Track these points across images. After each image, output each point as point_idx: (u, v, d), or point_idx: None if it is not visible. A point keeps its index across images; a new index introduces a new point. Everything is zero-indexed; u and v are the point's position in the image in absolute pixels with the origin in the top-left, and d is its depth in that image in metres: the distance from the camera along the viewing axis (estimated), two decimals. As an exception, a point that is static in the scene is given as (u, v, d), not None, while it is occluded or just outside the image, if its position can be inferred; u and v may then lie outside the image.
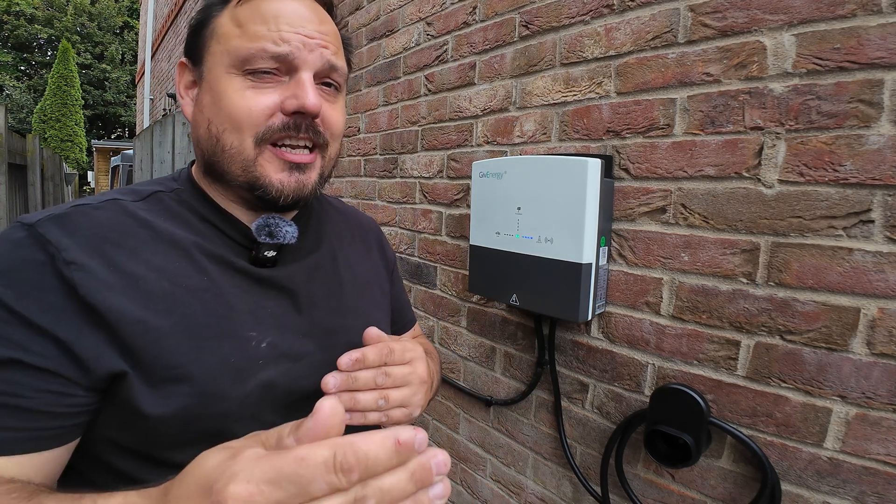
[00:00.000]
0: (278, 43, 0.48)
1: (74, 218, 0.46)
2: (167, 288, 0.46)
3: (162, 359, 0.44)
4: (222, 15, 0.51)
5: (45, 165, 5.10)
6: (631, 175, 0.97)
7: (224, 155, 0.50)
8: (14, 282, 0.42)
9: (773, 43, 0.77)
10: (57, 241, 0.43)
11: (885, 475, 0.69)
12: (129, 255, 0.46)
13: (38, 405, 0.41)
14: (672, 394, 0.87)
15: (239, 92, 0.48)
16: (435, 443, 1.57)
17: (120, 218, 0.48)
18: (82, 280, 0.43)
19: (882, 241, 0.68)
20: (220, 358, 0.46)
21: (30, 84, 19.49)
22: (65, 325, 0.42)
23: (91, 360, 0.42)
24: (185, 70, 0.54)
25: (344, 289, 0.61)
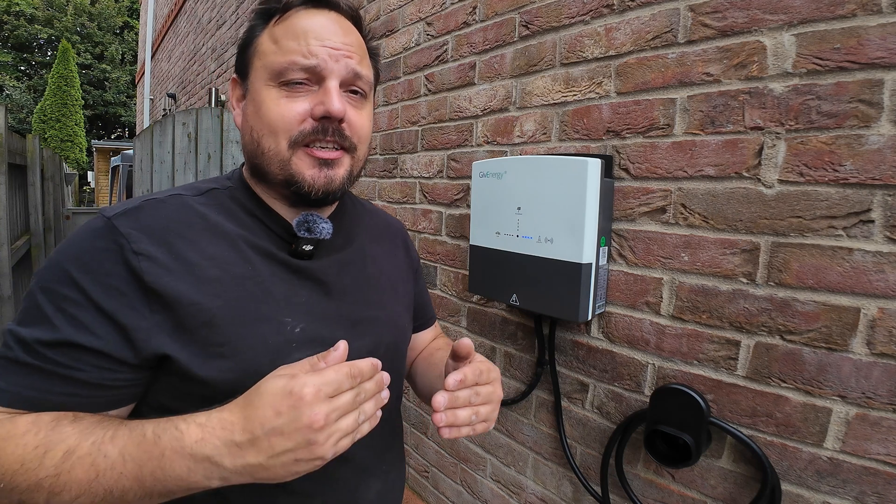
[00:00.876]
0: (307, 56, 0.54)
1: (145, 211, 0.53)
2: (217, 274, 0.53)
3: (211, 336, 0.51)
4: (263, 34, 0.57)
5: (45, 165, 5.09)
6: (631, 175, 0.97)
7: (264, 157, 0.56)
8: (90, 268, 0.48)
9: (773, 43, 0.77)
10: (128, 233, 0.50)
11: (885, 475, 0.69)
12: (188, 243, 0.52)
13: (94, 378, 0.48)
14: (672, 394, 0.87)
15: (275, 101, 0.54)
16: (435, 443, 1.57)
17: (182, 211, 0.55)
18: (148, 268, 0.49)
19: (882, 241, 0.68)
20: (260, 339, 0.53)
21: (30, 84, 19.49)
22: (127, 310, 0.48)
23: (142, 342, 0.48)
24: (236, 85, 0.61)
25: (370, 283, 0.67)
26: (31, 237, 3.85)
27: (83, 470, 0.43)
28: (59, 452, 0.43)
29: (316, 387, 0.43)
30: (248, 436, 0.42)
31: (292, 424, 0.42)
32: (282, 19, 0.56)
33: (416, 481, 1.67)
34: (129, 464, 0.43)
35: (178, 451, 0.43)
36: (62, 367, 0.47)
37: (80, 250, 0.49)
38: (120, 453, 0.44)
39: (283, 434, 0.42)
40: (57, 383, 0.47)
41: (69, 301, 0.47)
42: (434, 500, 1.58)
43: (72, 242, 0.50)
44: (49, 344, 0.47)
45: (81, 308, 0.47)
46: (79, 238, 0.50)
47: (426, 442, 1.61)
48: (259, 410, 0.43)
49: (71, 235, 0.51)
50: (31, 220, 3.89)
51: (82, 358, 0.47)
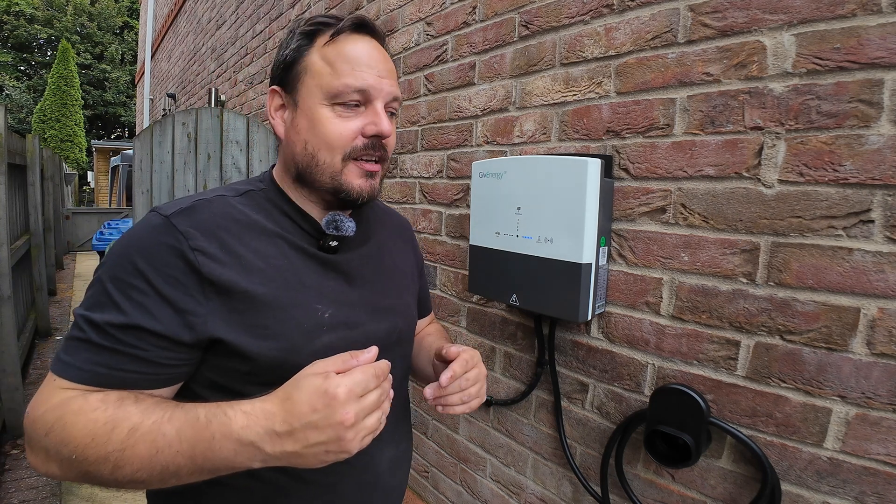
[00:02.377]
0: (360, 80, 0.61)
1: (197, 211, 0.59)
2: (261, 266, 0.60)
3: (258, 319, 0.58)
4: (311, 53, 0.63)
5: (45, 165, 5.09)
6: (631, 175, 0.97)
7: (318, 168, 0.63)
8: (153, 260, 0.54)
9: (773, 43, 0.77)
10: (185, 230, 0.56)
11: (885, 475, 0.69)
12: (235, 239, 0.59)
13: (156, 357, 0.54)
14: (672, 394, 0.87)
15: (331, 119, 0.61)
16: (435, 443, 1.57)
17: (227, 210, 0.61)
18: (204, 262, 0.56)
19: (882, 241, 0.68)
20: (296, 322, 0.60)
21: (30, 84, 19.48)
22: (186, 297, 0.55)
23: (199, 325, 0.55)
24: (275, 96, 0.66)
25: (387, 275, 0.75)
26: (30, 237, 3.85)
27: (145, 446, 0.48)
28: (125, 429, 0.48)
29: (348, 388, 0.49)
30: (287, 427, 0.48)
31: (326, 420, 0.48)
32: (332, 42, 0.62)
33: (416, 481, 1.67)
34: (184, 443, 0.48)
35: (227, 435, 0.48)
36: (130, 347, 0.53)
37: (144, 245, 0.55)
38: (177, 433, 0.49)
39: (317, 428, 0.48)
40: (125, 361, 0.53)
41: (136, 289, 0.53)
42: (434, 500, 1.58)
43: (135, 237, 0.57)
44: (119, 326, 0.52)
45: (146, 296, 0.53)
46: (141, 234, 0.57)
47: (426, 442, 1.61)
48: (297, 406, 0.48)
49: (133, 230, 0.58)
50: (30, 220, 3.88)
51: (147, 339, 0.53)
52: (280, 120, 0.67)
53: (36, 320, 3.98)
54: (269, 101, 0.67)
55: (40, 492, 2.09)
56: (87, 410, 0.50)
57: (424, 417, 1.61)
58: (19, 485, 2.14)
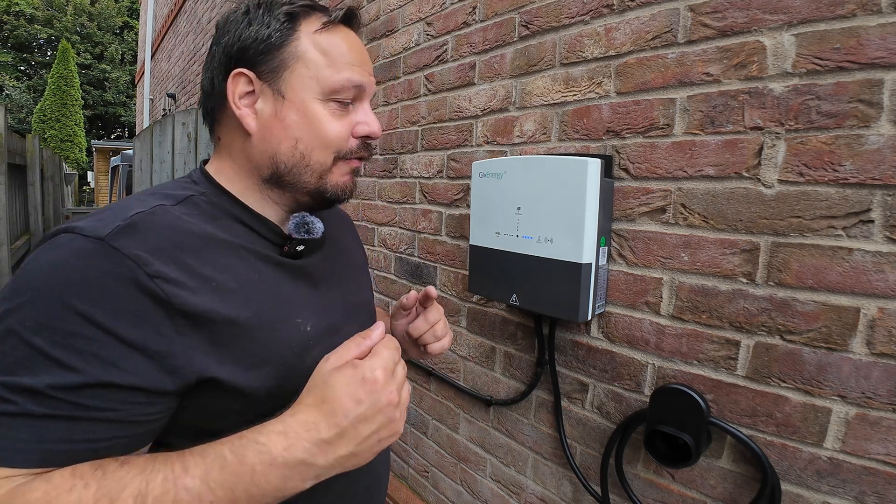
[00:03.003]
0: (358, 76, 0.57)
1: (141, 227, 0.47)
2: (234, 285, 0.52)
3: (247, 347, 0.51)
4: (301, 39, 0.55)
5: (45, 165, 5.09)
6: (631, 175, 0.97)
7: (307, 168, 0.57)
8: (99, 298, 0.43)
9: (772, 43, 0.77)
10: (134, 254, 0.45)
11: (884, 475, 0.69)
12: (196, 258, 0.50)
13: (131, 416, 0.45)
14: (672, 394, 0.87)
15: (327, 117, 0.56)
16: (435, 443, 1.57)
17: (176, 224, 0.51)
18: (171, 290, 0.46)
19: (882, 241, 0.68)
20: (286, 342, 0.55)
21: (30, 84, 19.48)
22: (156, 337, 0.45)
23: (182, 367, 0.46)
24: (241, 80, 0.56)
25: (350, 272, 0.72)
26: (30, 237, 3.85)
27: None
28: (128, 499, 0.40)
29: (383, 367, 0.47)
30: (335, 430, 0.44)
31: (374, 407, 0.46)
32: (325, 31, 0.56)
33: (415, 481, 1.67)
34: (218, 490, 0.42)
35: (270, 464, 0.43)
36: (96, 411, 0.42)
37: (78, 279, 0.43)
38: (203, 482, 0.42)
39: (367, 419, 0.45)
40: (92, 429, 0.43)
41: (82, 338, 0.42)
42: (434, 500, 1.58)
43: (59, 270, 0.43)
44: (74, 388, 0.41)
45: (101, 344, 0.42)
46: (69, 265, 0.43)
47: (426, 442, 1.61)
48: (339, 403, 0.45)
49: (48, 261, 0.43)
50: (30, 219, 3.88)
51: (118, 396, 0.43)
52: (250, 111, 0.56)
53: (36, 320, 3.97)
54: (232, 87, 0.56)
55: None
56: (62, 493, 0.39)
57: (424, 417, 1.61)
58: None
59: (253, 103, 0.56)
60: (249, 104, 0.56)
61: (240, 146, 0.58)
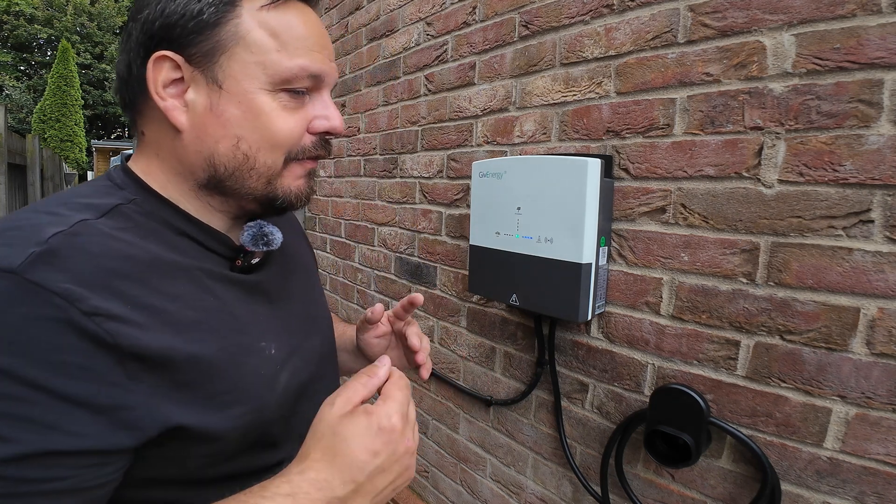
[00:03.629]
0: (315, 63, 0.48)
1: (63, 254, 0.37)
2: (190, 315, 0.44)
3: (215, 386, 0.44)
4: (243, 16, 0.45)
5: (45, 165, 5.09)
6: (631, 175, 0.97)
7: (252, 172, 0.48)
8: (24, 349, 0.35)
9: (772, 43, 0.77)
10: (62, 290, 0.36)
11: (884, 475, 0.69)
12: (138, 285, 0.41)
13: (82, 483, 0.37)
14: (672, 394, 0.87)
15: (276, 111, 0.47)
16: (435, 443, 1.57)
17: (107, 243, 0.41)
18: (114, 329, 0.37)
19: (882, 241, 0.68)
20: (254, 373, 0.48)
21: (30, 84, 19.49)
22: (103, 388, 0.37)
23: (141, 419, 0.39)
24: (166, 65, 0.45)
25: (304, 281, 0.65)
26: (30, 237, 3.86)
27: None
28: None
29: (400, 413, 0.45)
30: (351, 486, 0.41)
31: (392, 458, 0.43)
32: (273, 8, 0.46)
33: (415, 481, 1.67)
34: None
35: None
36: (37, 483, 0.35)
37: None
38: None
39: (384, 471, 0.42)
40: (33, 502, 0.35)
41: (12, 400, 0.34)
42: (434, 500, 1.58)
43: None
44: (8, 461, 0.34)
45: (34, 405, 0.35)
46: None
47: (426, 441, 1.61)
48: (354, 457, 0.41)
49: None
50: (30, 220, 3.89)
51: (64, 464, 0.36)
52: (179, 102, 0.46)
53: (36, 320, 3.98)
54: (153, 73, 0.45)
55: None
56: None
57: (425, 417, 1.61)
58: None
59: (182, 93, 0.46)
60: (177, 94, 0.46)
61: (169, 145, 0.48)
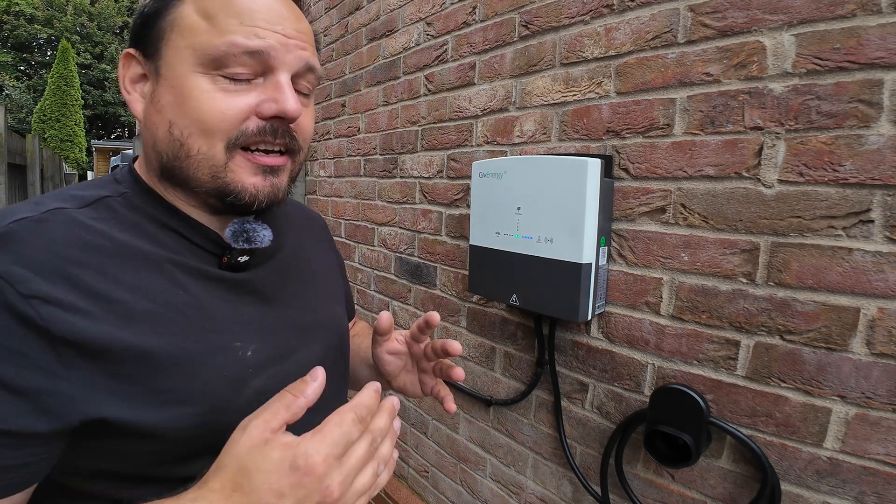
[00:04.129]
0: (252, 39, 0.44)
1: (19, 237, 0.39)
2: (148, 307, 0.43)
3: (160, 382, 0.42)
4: (184, 4, 0.46)
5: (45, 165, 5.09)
6: (631, 175, 0.97)
7: (189, 160, 0.46)
8: None
9: (772, 43, 0.77)
10: (7, 272, 0.37)
11: (884, 475, 0.69)
12: (96, 274, 0.41)
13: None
14: (672, 394, 0.87)
15: (208, 93, 0.44)
16: (435, 443, 1.57)
17: (73, 231, 0.42)
18: (51, 314, 0.38)
19: (882, 241, 0.68)
20: (215, 373, 0.46)
21: (29, 84, 19.50)
22: (28, 372, 0.37)
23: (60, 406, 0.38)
24: (131, 62, 0.48)
25: (309, 285, 0.61)
26: (30, 237, 3.86)
27: None
28: None
29: (324, 454, 0.37)
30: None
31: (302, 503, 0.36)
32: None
33: (415, 481, 1.67)
34: None
35: None
36: None
37: None
38: None
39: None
40: None
41: None
42: (434, 500, 1.58)
43: None
44: None
45: None
46: None
47: (426, 442, 1.61)
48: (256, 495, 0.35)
49: None
50: (30, 220, 3.90)
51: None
52: (138, 95, 0.48)
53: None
54: (123, 70, 0.48)
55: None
56: None
57: (424, 417, 1.61)
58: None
59: (143, 87, 0.48)
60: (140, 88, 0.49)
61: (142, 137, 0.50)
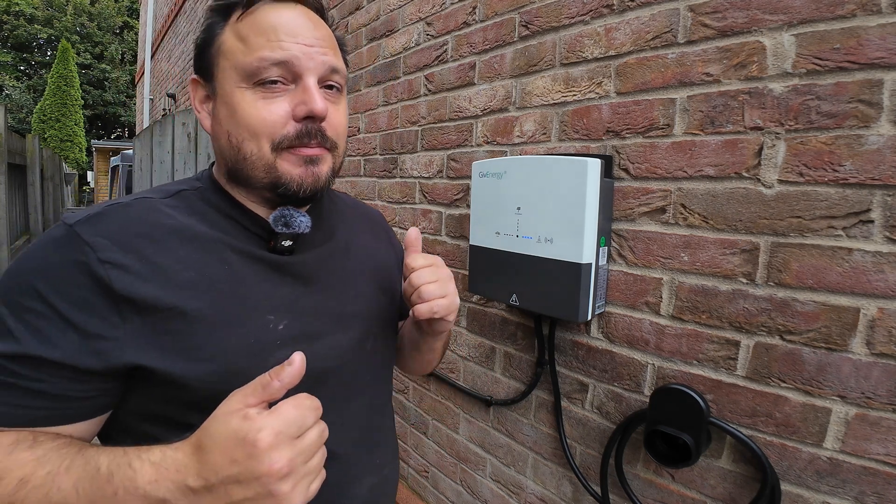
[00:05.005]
0: (275, 51, 0.52)
1: (108, 217, 0.51)
2: (192, 277, 0.51)
3: (192, 339, 0.50)
4: (225, 32, 0.55)
5: (45, 165, 5.09)
6: (631, 175, 0.97)
7: (246, 162, 0.54)
8: (52, 279, 0.47)
9: (772, 43, 0.77)
10: (92, 241, 0.48)
11: (884, 475, 0.69)
12: (157, 247, 0.51)
13: (58, 390, 0.47)
14: (672, 394, 0.87)
15: (251, 104, 0.53)
16: (435, 443, 1.57)
17: (148, 214, 0.53)
18: (118, 276, 0.48)
19: (882, 241, 0.68)
20: (242, 339, 0.52)
21: (29, 84, 19.49)
22: (95, 320, 0.47)
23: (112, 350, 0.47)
24: (197, 86, 0.59)
25: (355, 275, 0.67)
26: (30, 237, 3.85)
27: (36, 500, 0.42)
28: (13, 480, 0.42)
29: (274, 431, 0.40)
30: (202, 482, 0.40)
31: (249, 474, 0.39)
32: (246, 15, 0.54)
33: (415, 481, 1.67)
34: (82, 499, 0.42)
35: (132, 492, 0.41)
36: (27, 380, 0.46)
37: (43, 261, 0.48)
38: (73, 487, 0.42)
39: (240, 483, 0.40)
40: (24, 396, 0.46)
41: (34, 313, 0.46)
42: (434, 500, 1.58)
43: (34, 253, 0.49)
44: (11, 357, 0.45)
45: (46, 319, 0.46)
46: (41, 248, 0.49)
47: (426, 442, 1.61)
48: (212, 456, 0.40)
49: (33, 245, 0.50)
50: (30, 219, 3.88)
51: (45, 370, 0.46)
52: (206, 113, 0.59)
53: (36, 320, 3.98)
54: (193, 94, 0.60)
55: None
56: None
57: (424, 417, 1.61)
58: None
59: (208, 105, 0.59)
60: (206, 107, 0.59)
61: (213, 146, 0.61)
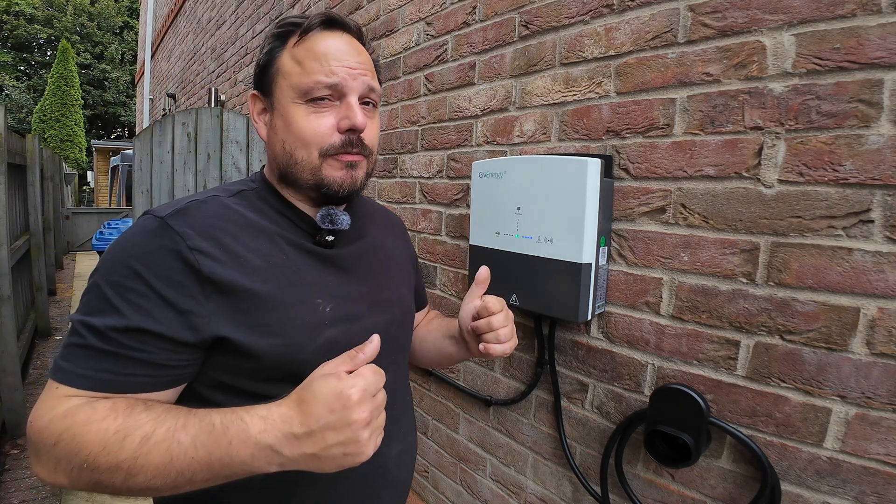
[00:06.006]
0: (329, 76, 0.62)
1: (191, 211, 0.60)
2: (261, 264, 0.61)
3: (262, 317, 0.59)
4: (283, 55, 0.65)
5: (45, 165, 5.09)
6: (631, 175, 0.97)
7: (297, 166, 0.64)
8: (150, 263, 0.55)
9: (772, 43, 0.77)
10: (182, 231, 0.57)
11: (884, 475, 0.69)
12: (232, 238, 0.60)
13: (160, 360, 0.55)
14: (672, 394, 0.87)
15: (304, 117, 0.63)
16: (435, 442, 1.57)
17: (222, 210, 0.63)
18: (204, 262, 0.56)
19: (882, 241, 0.68)
20: (299, 318, 0.61)
21: (29, 84, 19.47)
22: (187, 299, 0.55)
23: (202, 325, 0.56)
24: (256, 100, 0.69)
25: (382, 268, 0.77)
26: (30, 237, 3.85)
27: (159, 454, 0.48)
28: (136, 437, 0.49)
29: (362, 388, 0.50)
30: (305, 429, 0.48)
31: (343, 421, 0.48)
32: (301, 41, 0.64)
33: (415, 481, 1.67)
34: (200, 450, 0.49)
35: (245, 441, 0.48)
36: (133, 351, 0.53)
37: (141, 248, 0.56)
38: (192, 441, 0.49)
39: (335, 429, 0.48)
40: (129, 365, 0.54)
41: (135, 292, 0.54)
42: (434, 500, 1.58)
43: (131, 240, 0.57)
44: (121, 330, 0.53)
45: (146, 298, 0.54)
46: (138, 237, 0.57)
47: (426, 442, 1.61)
48: (314, 407, 0.49)
49: (127, 234, 0.59)
50: (30, 219, 3.88)
51: (149, 341, 0.54)
52: (262, 123, 0.69)
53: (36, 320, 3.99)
54: (252, 106, 0.70)
55: (40, 492, 2.09)
56: (97, 420, 0.50)
57: (424, 417, 1.61)
58: (19, 485, 2.14)
59: (265, 117, 0.68)
60: (263, 118, 0.69)
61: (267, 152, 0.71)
